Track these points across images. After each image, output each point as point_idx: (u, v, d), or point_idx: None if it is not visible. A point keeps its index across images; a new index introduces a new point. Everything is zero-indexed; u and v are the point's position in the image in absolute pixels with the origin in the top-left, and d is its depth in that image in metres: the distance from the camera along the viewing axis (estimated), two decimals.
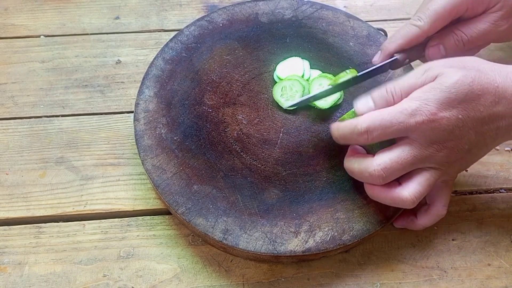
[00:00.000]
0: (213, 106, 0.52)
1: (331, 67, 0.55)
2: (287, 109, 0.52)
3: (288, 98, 0.51)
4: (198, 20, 0.59)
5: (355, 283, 0.46)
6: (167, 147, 0.49)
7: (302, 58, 0.55)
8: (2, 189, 0.51)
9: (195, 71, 0.54)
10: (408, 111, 0.39)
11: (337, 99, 0.51)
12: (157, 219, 0.49)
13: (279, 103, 0.52)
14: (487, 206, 0.51)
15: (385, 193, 0.42)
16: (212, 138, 0.50)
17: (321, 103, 0.51)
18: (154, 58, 0.55)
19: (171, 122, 0.50)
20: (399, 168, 0.41)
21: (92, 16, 0.66)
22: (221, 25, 0.58)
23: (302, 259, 0.46)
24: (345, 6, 0.68)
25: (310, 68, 0.54)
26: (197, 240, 0.48)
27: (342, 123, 0.43)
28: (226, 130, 0.50)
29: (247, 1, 0.61)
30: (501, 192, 0.52)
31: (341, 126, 0.43)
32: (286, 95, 0.51)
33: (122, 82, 0.59)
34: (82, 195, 0.50)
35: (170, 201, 0.45)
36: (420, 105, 0.39)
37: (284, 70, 0.54)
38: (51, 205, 0.50)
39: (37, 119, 0.56)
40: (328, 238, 0.44)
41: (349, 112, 0.45)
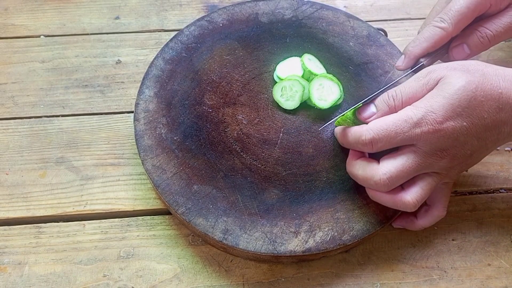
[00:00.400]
0: (213, 106, 0.52)
1: (331, 67, 0.55)
2: (287, 109, 0.52)
3: (288, 98, 0.51)
4: (198, 20, 0.59)
5: (355, 283, 0.46)
6: (167, 147, 0.49)
7: (312, 55, 0.55)
8: (2, 189, 0.51)
9: (195, 71, 0.54)
10: (414, 120, 0.39)
11: (337, 99, 0.51)
12: (157, 219, 0.49)
13: (279, 103, 0.52)
14: (487, 206, 0.51)
15: (387, 197, 0.42)
16: (212, 138, 0.50)
17: (321, 103, 0.51)
18: (154, 58, 0.55)
19: (171, 122, 0.50)
20: (404, 176, 0.41)
21: (92, 16, 0.66)
22: (221, 25, 0.58)
23: (302, 259, 0.46)
24: (345, 6, 0.68)
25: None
26: (197, 240, 0.48)
27: (348, 130, 0.43)
28: (226, 130, 0.50)
29: (247, 1, 0.61)
30: (501, 192, 0.52)
31: (346, 133, 0.43)
32: (286, 95, 0.51)
33: (122, 82, 0.59)
34: (82, 195, 0.50)
35: (170, 201, 0.45)
36: (426, 113, 0.39)
37: (284, 70, 0.54)
38: (51, 205, 0.50)
39: (37, 119, 0.56)
40: (328, 238, 0.44)
41: (345, 116, 0.45)
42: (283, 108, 0.52)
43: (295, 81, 0.51)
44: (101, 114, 0.57)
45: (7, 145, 0.54)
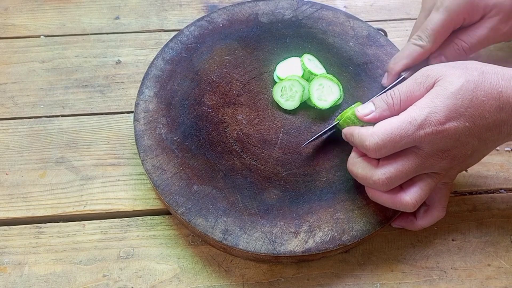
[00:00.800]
0: (213, 106, 0.52)
1: (331, 67, 0.55)
2: (287, 109, 0.52)
3: (288, 99, 0.51)
4: (198, 20, 0.59)
5: (355, 284, 0.46)
6: (167, 147, 0.49)
7: (312, 55, 0.55)
8: (2, 189, 0.51)
9: (195, 71, 0.54)
10: (417, 122, 0.39)
11: (337, 99, 0.51)
12: (157, 219, 0.49)
13: (279, 103, 0.52)
14: (487, 206, 0.51)
15: (387, 197, 0.42)
16: (212, 138, 0.50)
17: (321, 103, 0.51)
18: (154, 58, 0.55)
19: (171, 122, 0.50)
20: (403, 177, 0.41)
21: (92, 16, 0.66)
22: (221, 25, 0.58)
23: (302, 259, 0.46)
24: (345, 6, 0.68)
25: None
26: (197, 240, 0.48)
27: (356, 131, 0.43)
28: (226, 130, 0.50)
29: (247, 1, 0.61)
30: (501, 192, 0.52)
31: (355, 135, 0.43)
32: (286, 96, 0.51)
33: (122, 82, 0.59)
34: (82, 195, 0.50)
35: (170, 201, 0.45)
36: (429, 113, 0.39)
37: (284, 70, 0.54)
38: (51, 205, 0.50)
39: (37, 119, 0.56)
40: (328, 239, 0.44)
41: (346, 115, 0.45)
42: (283, 108, 0.52)
43: (295, 81, 0.51)
44: (101, 114, 0.57)
45: (7, 145, 0.54)
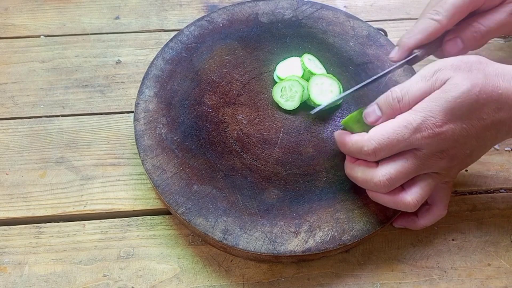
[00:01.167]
0: (213, 106, 0.52)
1: (331, 67, 0.55)
2: (287, 109, 0.52)
3: (288, 99, 0.51)
4: (198, 20, 0.59)
5: (355, 283, 0.46)
6: (167, 147, 0.49)
7: (312, 55, 0.55)
8: (2, 189, 0.51)
9: (195, 71, 0.54)
10: (413, 126, 0.39)
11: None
12: (157, 219, 0.49)
13: (279, 103, 0.52)
14: (487, 206, 0.51)
15: (388, 197, 0.42)
16: (212, 138, 0.50)
17: (320, 98, 0.50)
18: (154, 58, 0.55)
19: (171, 122, 0.50)
20: (403, 177, 0.41)
21: (92, 16, 0.66)
22: (221, 25, 0.58)
23: (302, 259, 0.46)
24: (345, 6, 0.68)
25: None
26: (197, 240, 0.48)
27: (349, 140, 0.43)
28: (226, 130, 0.50)
29: (247, 1, 0.61)
30: (501, 192, 0.52)
31: (348, 143, 0.43)
32: (286, 96, 0.51)
33: (122, 82, 0.59)
34: (82, 195, 0.50)
35: (170, 201, 0.45)
36: (425, 117, 0.39)
37: (284, 70, 0.54)
38: (51, 205, 0.50)
39: (37, 119, 0.56)
40: (328, 238, 0.44)
41: (352, 115, 0.45)
42: (283, 108, 0.52)
43: (295, 81, 0.51)
44: (101, 114, 0.57)
45: (7, 145, 0.54)
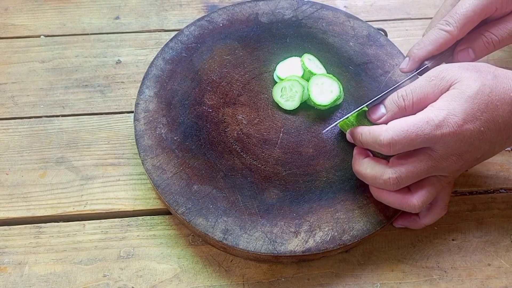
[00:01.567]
0: (213, 106, 0.52)
1: (331, 67, 0.55)
2: (287, 109, 0.52)
3: (288, 99, 0.51)
4: (198, 20, 0.59)
5: (355, 283, 0.46)
6: (167, 147, 0.49)
7: (312, 55, 0.55)
8: (2, 189, 0.51)
9: (195, 71, 0.54)
10: (435, 122, 0.38)
11: (337, 97, 0.51)
12: (157, 219, 0.49)
13: (279, 103, 0.52)
14: (487, 206, 0.51)
15: (393, 198, 0.42)
16: (212, 138, 0.50)
17: (320, 99, 0.50)
18: (154, 58, 0.55)
19: (171, 122, 0.50)
20: (414, 177, 0.41)
21: (92, 16, 0.66)
22: (221, 25, 0.58)
23: (302, 259, 0.46)
24: (345, 6, 0.68)
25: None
26: (197, 240, 0.48)
27: (367, 129, 0.42)
28: (226, 130, 0.50)
29: (247, 1, 0.61)
30: (501, 192, 0.52)
31: (365, 132, 0.42)
32: (286, 96, 0.51)
33: (122, 82, 0.59)
34: (82, 195, 0.50)
35: (170, 201, 0.45)
36: (447, 115, 0.38)
37: (284, 70, 0.54)
38: (51, 205, 0.50)
39: (37, 119, 0.56)
40: (328, 238, 0.44)
41: (347, 119, 0.45)
42: (283, 108, 0.52)
43: (295, 81, 0.51)
44: (101, 114, 0.57)
45: (7, 145, 0.54)
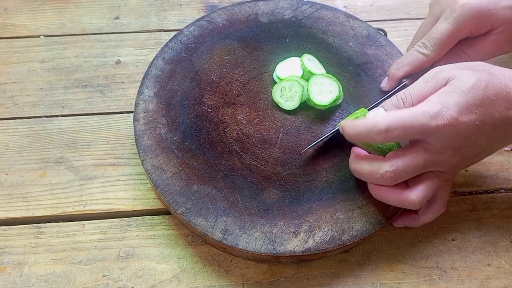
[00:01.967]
0: (213, 106, 0.52)
1: (331, 67, 0.55)
2: (287, 109, 0.52)
3: (287, 99, 0.51)
4: (198, 20, 0.59)
5: (355, 283, 0.46)
6: (167, 147, 0.49)
7: (312, 55, 0.55)
8: (2, 189, 0.51)
9: (195, 71, 0.54)
10: (430, 114, 0.39)
11: (336, 97, 0.51)
12: (157, 219, 0.49)
13: (278, 104, 0.52)
14: (487, 206, 0.51)
15: (392, 195, 0.42)
16: (212, 138, 0.50)
17: (319, 99, 0.50)
18: (154, 58, 0.55)
19: (171, 122, 0.50)
20: (410, 171, 0.41)
21: (92, 16, 0.66)
22: (221, 25, 0.58)
23: (301, 259, 0.46)
24: (345, 6, 0.68)
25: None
26: (197, 240, 0.48)
27: (358, 121, 0.42)
28: (226, 130, 0.50)
29: (247, 1, 0.61)
30: (501, 192, 0.52)
31: (357, 124, 0.41)
32: (286, 96, 0.51)
33: (122, 82, 0.59)
34: (82, 195, 0.50)
35: (170, 201, 0.45)
36: (442, 108, 0.39)
37: (283, 70, 0.54)
38: (51, 205, 0.50)
39: (37, 119, 0.56)
40: (328, 238, 0.44)
41: (355, 113, 0.45)
42: (282, 108, 0.52)
43: (295, 81, 0.51)
44: (101, 114, 0.57)
45: (7, 145, 0.54)
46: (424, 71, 0.49)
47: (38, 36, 0.63)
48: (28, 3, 0.67)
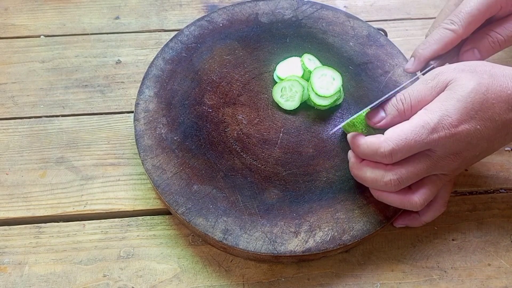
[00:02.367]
0: (213, 106, 0.52)
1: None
2: (287, 109, 0.52)
3: (288, 99, 0.51)
4: (198, 20, 0.59)
5: (355, 283, 0.46)
6: (167, 147, 0.49)
7: (312, 55, 0.55)
8: (2, 189, 0.51)
9: (195, 71, 0.54)
10: (431, 126, 0.39)
11: (337, 99, 0.51)
12: (157, 219, 0.49)
13: (279, 103, 0.52)
14: (487, 206, 0.51)
15: (395, 197, 0.42)
16: (212, 138, 0.50)
17: (322, 91, 0.50)
18: (154, 58, 0.55)
19: (171, 122, 0.50)
20: (414, 178, 0.41)
21: (92, 16, 0.66)
22: (221, 25, 0.58)
23: (302, 259, 0.46)
24: (345, 6, 0.68)
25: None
26: (197, 240, 0.48)
27: (364, 141, 0.42)
28: (226, 130, 0.50)
29: (247, 1, 0.61)
30: (501, 192, 0.52)
31: (362, 145, 0.42)
32: (286, 96, 0.51)
33: (122, 82, 0.59)
34: (82, 195, 0.50)
35: (170, 201, 0.45)
36: (441, 117, 0.39)
37: (284, 70, 0.54)
38: (51, 205, 0.50)
39: (37, 119, 0.56)
40: (328, 238, 0.44)
41: (359, 116, 0.45)
42: (283, 108, 0.52)
43: (295, 81, 0.51)
44: (101, 114, 0.57)
45: (7, 145, 0.54)
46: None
47: (39, 36, 0.63)
48: (28, 3, 0.67)
